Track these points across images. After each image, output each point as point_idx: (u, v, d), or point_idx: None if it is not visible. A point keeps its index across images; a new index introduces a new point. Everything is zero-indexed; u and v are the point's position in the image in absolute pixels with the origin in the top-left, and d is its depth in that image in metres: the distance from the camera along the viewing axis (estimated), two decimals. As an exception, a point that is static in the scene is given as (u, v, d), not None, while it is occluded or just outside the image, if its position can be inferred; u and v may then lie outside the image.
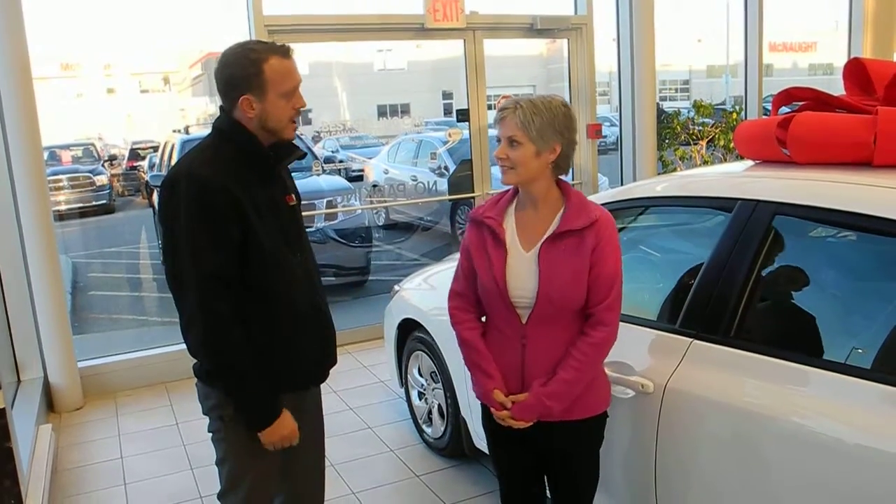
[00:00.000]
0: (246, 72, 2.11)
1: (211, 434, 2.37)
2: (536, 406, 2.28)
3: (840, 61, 9.29)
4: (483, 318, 2.45)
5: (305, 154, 2.44)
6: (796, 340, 2.39)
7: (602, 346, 2.27)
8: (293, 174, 2.50)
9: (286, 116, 2.19)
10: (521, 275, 2.28)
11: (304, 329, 2.33)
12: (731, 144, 7.87)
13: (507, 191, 2.40)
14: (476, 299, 2.42)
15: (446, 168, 8.66)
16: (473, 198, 6.75)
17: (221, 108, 2.22)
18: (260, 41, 2.17)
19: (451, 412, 3.83)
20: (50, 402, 5.05)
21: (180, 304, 2.17)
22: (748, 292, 2.34)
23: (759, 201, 2.41)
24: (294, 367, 2.33)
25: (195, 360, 2.28)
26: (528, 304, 2.27)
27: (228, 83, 2.15)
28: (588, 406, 2.35)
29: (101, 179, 10.26)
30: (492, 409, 2.38)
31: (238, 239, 2.13)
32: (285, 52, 2.16)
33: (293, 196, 2.37)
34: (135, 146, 10.70)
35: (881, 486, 1.87)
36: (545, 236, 2.27)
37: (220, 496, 2.41)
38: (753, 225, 2.38)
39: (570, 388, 2.26)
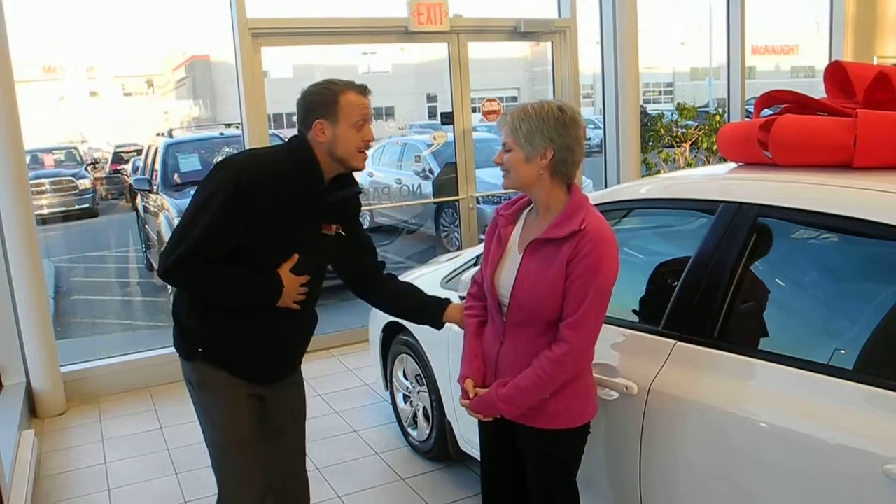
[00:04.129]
0: (324, 98, 2.31)
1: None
2: (490, 404, 2.32)
3: (821, 64, 9.37)
4: None
5: (359, 192, 2.59)
6: (779, 342, 2.40)
7: (560, 363, 2.20)
8: None
9: (354, 146, 2.34)
10: (507, 275, 2.32)
11: (265, 342, 2.45)
12: (715, 147, 7.93)
13: None
14: None
15: (431, 171, 8.66)
16: (458, 201, 6.76)
17: (299, 129, 2.37)
18: (343, 80, 2.37)
19: (437, 415, 3.82)
20: (32, 408, 5.00)
21: (162, 254, 2.31)
22: (731, 294, 2.35)
23: (741, 203, 2.42)
24: (241, 364, 2.46)
25: (175, 339, 2.48)
26: (508, 305, 2.31)
27: (307, 108, 2.33)
28: (557, 418, 2.31)
29: (84, 183, 10.21)
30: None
31: (239, 237, 2.25)
32: (362, 90, 2.36)
33: (334, 227, 2.47)
34: (118, 149, 10.65)
35: (863, 486, 1.89)
36: (529, 241, 2.28)
37: (213, 466, 2.56)
38: (736, 227, 2.39)
39: (524, 396, 2.25)
